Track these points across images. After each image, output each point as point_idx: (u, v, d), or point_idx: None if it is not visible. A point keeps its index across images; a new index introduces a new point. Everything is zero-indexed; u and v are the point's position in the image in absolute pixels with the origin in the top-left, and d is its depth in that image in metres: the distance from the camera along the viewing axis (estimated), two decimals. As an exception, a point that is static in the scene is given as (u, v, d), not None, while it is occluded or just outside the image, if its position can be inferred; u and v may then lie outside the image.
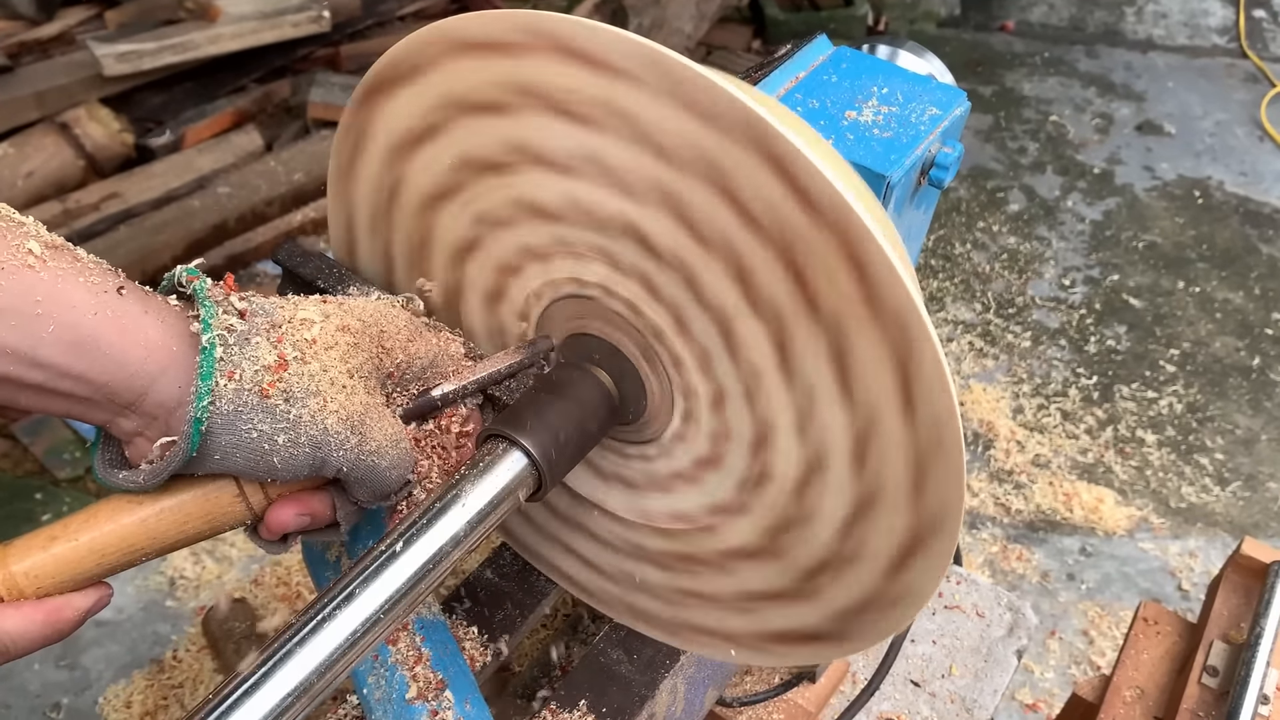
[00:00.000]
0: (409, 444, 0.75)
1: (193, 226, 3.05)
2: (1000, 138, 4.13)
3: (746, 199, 0.65)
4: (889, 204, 0.90)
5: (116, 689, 2.01)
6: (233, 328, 0.65)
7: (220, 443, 0.64)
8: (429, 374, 0.78)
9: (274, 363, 0.66)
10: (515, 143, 0.73)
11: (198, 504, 0.68)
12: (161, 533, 0.67)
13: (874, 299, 0.63)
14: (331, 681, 0.60)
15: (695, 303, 0.72)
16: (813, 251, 0.64)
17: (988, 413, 2.92)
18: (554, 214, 0.75)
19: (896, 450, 0.67)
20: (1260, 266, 3.56)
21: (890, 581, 0.74)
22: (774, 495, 0.76)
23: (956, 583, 1.50)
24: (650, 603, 0.92)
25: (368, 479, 0.71)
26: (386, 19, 3.93)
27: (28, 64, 3.28)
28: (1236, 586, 1.39)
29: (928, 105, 0.95)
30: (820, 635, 0.81)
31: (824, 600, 0.79)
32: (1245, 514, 2.70)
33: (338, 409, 0.68)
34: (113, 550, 0.65)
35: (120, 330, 0.62)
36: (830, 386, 0.68)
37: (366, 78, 0.79)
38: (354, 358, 0.71)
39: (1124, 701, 1.32)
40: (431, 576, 0.66)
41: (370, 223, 0.88)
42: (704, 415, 0.78)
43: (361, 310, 0.74)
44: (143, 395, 0.63)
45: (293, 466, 0.67)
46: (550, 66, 0.68)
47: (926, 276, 3.42)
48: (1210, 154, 4.10)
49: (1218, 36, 4.86)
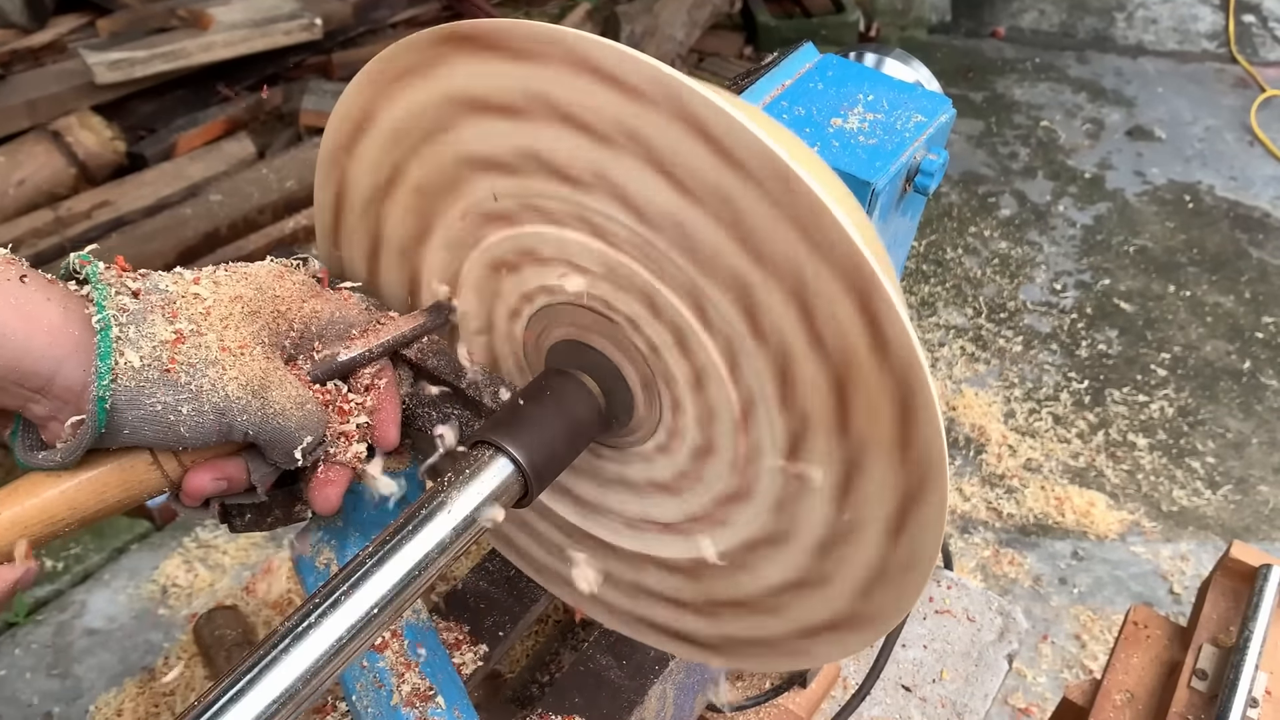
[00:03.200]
0: (317, 404, 0.77)
1: (184, 234, 3.04)
2: (991, 143, 4.15)
3: (748, 229, 0.66)
4: (874, 211, 0.91)
5: (107, 697, 2.00)
6: (126, 307, 0.68)
7: (127, 418, 0.67)
8: (329, 332, 0.80)
9: (170, 337, 0.68)
10: (526, 150, 0.73)
11: (114, 474, 0.70)
12: (81, 503, 0.69)
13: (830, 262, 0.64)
14: (319, 687, 0.60)
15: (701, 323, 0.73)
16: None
17: (979, 417, 2.92)
18: (559, 220, 0.76)
19: (880, 394, 0.67)
20: (1250, 270, 3.57)
21: (894, 547, 0.73)
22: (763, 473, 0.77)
23: (947, 587, 1.50)
24: (694, 623, 0.90)
25: (277, 440, 0.74)
26: (378, 27, 3.93)
27: (19, 72, 3.28)
28: (1225, 590, 1.40)
29: (913, 112, 0.95)
30: (847, 619, 0.80)
31: (841, 579, 0.77)
32: (1236, 517, 2.71)
33: (237, 375, 0.70)
34: (35, 522, 0.68)
35: (24, 318, 0.64)
36: (801, 339, 0.69)
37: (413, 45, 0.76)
38: (250, 325, 0.73)
39: (1114, 705, 1.33)
40: (418, 582, 0.66)
41: (363, 206, 0.87)
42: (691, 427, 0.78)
43: (254, 276, 0.76)
44: (50, 380, 0.65)
45: (200, 434, 0.70)
46: (567, 80, 0.68)
47: (918, 281, 3.43)
48: (1200, 159, 4.12)
49: (1207, 42, 4.88)
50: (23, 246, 2.92)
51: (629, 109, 0.66)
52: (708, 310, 0.72)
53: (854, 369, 0.67)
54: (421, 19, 4.02)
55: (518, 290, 0.82)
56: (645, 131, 0.66)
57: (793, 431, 0.72)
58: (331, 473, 0.79)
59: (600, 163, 0.70)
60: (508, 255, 0.81)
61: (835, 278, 0.64)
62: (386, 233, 0.86)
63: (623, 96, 0.66)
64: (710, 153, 0.64)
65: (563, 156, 0.71)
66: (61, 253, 2.94)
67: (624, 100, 0.66)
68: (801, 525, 0.76)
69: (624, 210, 0.71)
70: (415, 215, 0.83)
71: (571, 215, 0.74)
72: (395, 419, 0.82)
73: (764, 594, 0.82)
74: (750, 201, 0.65)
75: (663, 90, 0.64)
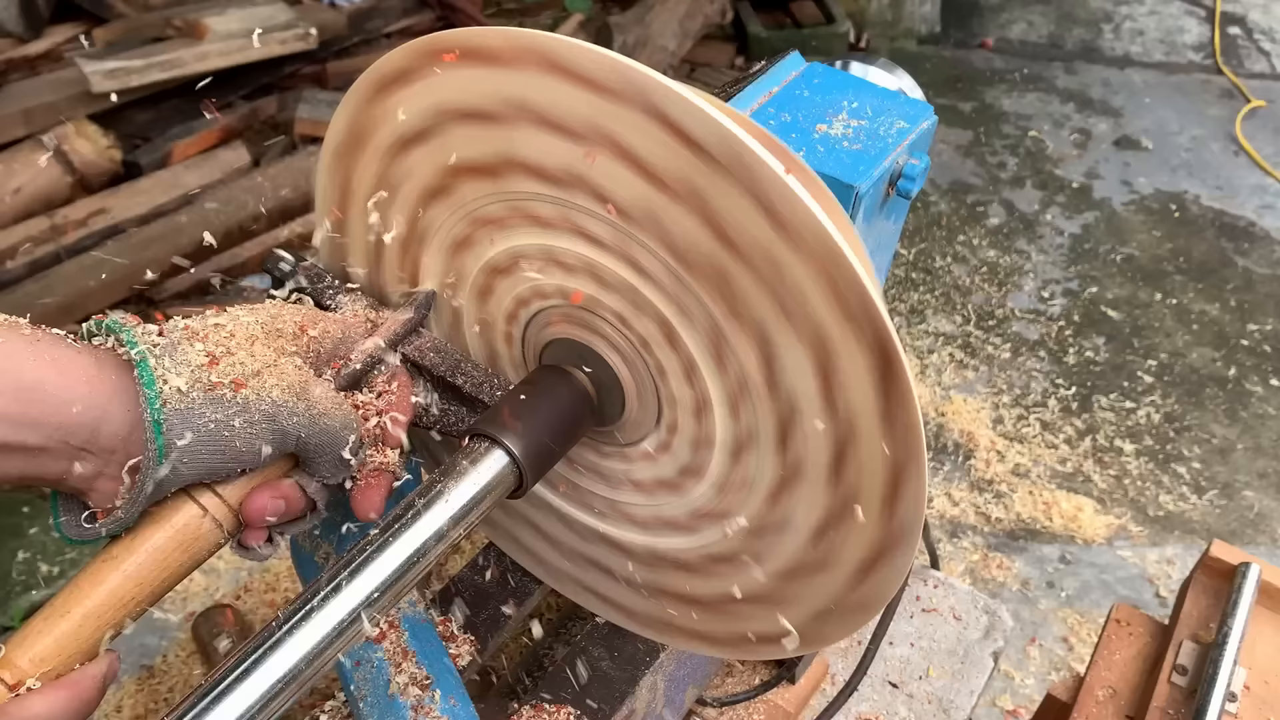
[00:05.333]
0: (350, 405, 0.79)
1: (180, 242, 3.06)
2: (980, 153, 4.19)
3: (724, 221, 0.68)
4: (858, 214, 0.94)
5: (106, 694, 2.01)
6: (156, 342, 0.68)
7: (183, 443, 0.66)
8: (341, 350, 0.82)
9: (205, 361, 0.69)
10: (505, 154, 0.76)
11: (170, 539, 0.70)
12: (147, 577, 0.69)
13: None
14: (320, 669, 0.62)
15: (684, 317, 0.75)
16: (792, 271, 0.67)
17: (968, 423, 2.95)
18: (547, 222, 0.78)
19: (859, 377, 0.69)
20: (1236, 279, 3.61)
21: (887, 522, 0.75)
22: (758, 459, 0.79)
23: (934, 586, 1.53)
24: (708, 623, 0.92)
25: (325, 444, 0.74)
26: (372, 36, 3.96)
27: (15, 81, 3.30)
28: (1206, 588, 1.42)
29: (896, 119, 0.98)
30: (851, 604, 0.82)
31: (840, 561, 0.79)
32: (1221, 522, 2.74)
33: (278, 381, 0.71)
34: (107, 610, 0.67)
35: (59, 370, 0.63)
36: (779, 321, 0.71)
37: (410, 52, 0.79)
38: (273, 343, 0.75)
39: (1097, 701, 1.35)
40: (416, 569, 0.69)
41: (361, 207, 0.89)
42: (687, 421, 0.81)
43: (263, 309, 0.78)
44: (96, 430, 0.65)
45: (255, 446, 0.70)
46: (540, 82, 0.70)
47: (907, 289, 3.46)
48: (1186, 168, 4.17)
49: (1193, 53, 4.94)
50: (19, 254, 2.94)
51: (600, 106, 0.68)
52: (687, 301, 0.74)
53: (830, 343, 0.69)
54: (415, 29, 4.05)
55: (511, 292, 0.85)
56: (615, 127, 0.69)
57: (781, 416, 0.75)
58: (374, 478, 0.80)
59: (576, 162, 0.72)
60: (500, 259, 0.83)
61: (805, 257, 0.66)
62: (386, 235, 0.89)
63: (593, 94, 0.68)
64: (677, 142, 0.67)
65: (542, 157, 0.74)
66: (58, 260, 2.96)
67: (594, 97, 0.68)
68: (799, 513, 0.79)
69: (603, 206, 0.74)
70: (410, 219, 0.86)
71: (558, 217, 0.77)
72: (404, 421, 0.83)
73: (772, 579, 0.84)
74: (717, 189, 0.67)
75: (629, 85, 0.66)
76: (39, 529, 2.46)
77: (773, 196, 0.65)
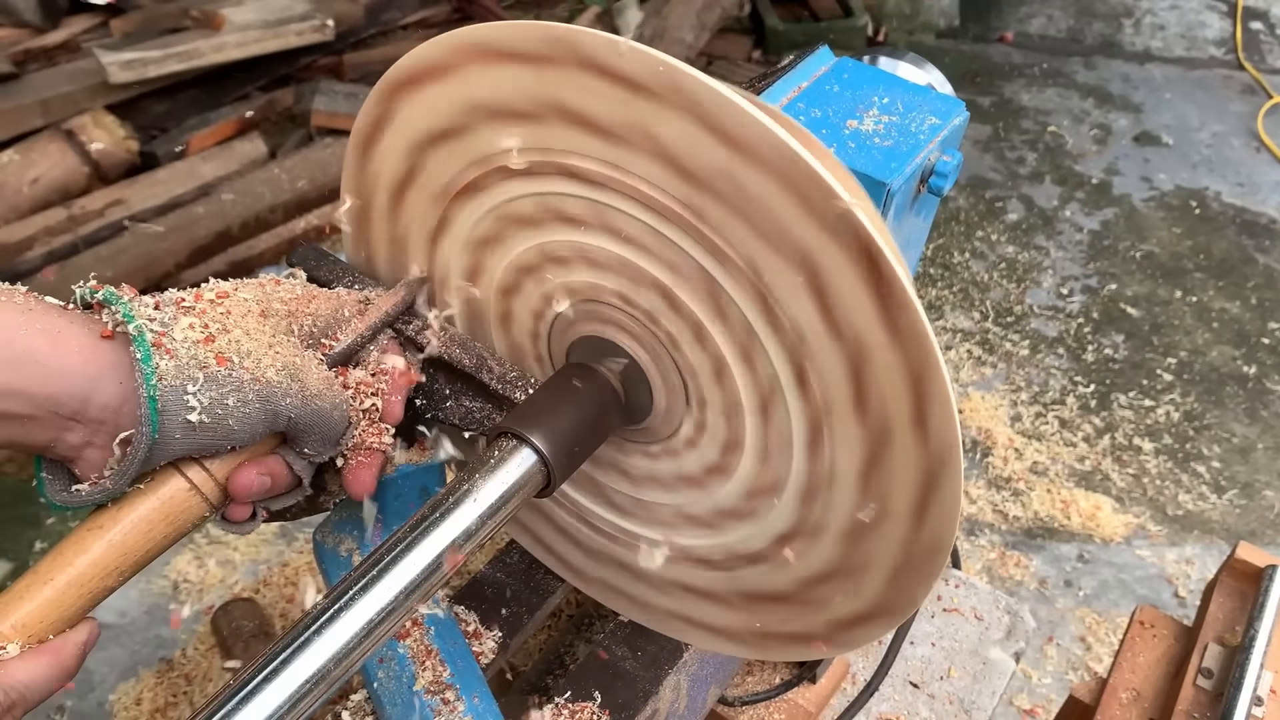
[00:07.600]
0: (341, 386, 0.79)
1: (196, 233, 3.07)
2: (999, 148, 4.16)
3: (757, 212, 0.67)
4: (889, 211, 0.93)
5: (126, 686, 2.02)
6: (153, 316, 0.68)
7: (178, 421, 0.67)
8: (333, 328, 0.82)
9: (201, 337, 0.69)
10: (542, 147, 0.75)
11: (156, 510, 0.70)
12: (132, 546, 0.69)
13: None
14: (350, 668, 0.62)
15: (718, 319, 0.74)
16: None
17: (986, 420, 2.93)
18: (579, 221, 0.77)
19: (852, 289, 0.68)
20: (1257, 276, 3.58)
21: (918, 529, 0.74)
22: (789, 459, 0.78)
23: (955, 586, 1.52)
24: (724, 617, 0.91)
25: (316, 423, 0.75)
26: (389, 28, 3.96)
27: (33, 71, 3.30)
28: (1231, 590, 1.41)
29: (927, 115, 0.97)
30: (879, 609, 0.81)
31: (876, 567, 0.78)
32: (1241, 522, 2.72)
33: (273, 361, 0.72)
34: (91, 578, 0.67)
35: (51, 341, 0.64)
36: (817, 324, 0.70)
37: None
38: (268, 321, 0.75)
39: (1120, 703, 1.34)
40: (445, 567, 0.68)
41: (390, 201, 0.89)
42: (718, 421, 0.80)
43: (256, 285, 0.78)
44: (86, 401, 0.65)
45: (249, 425, 0.70)
46: (576, 80, 0.69)
47: (926, 285, 3.44)
48: (1207, 165, 4.13)
49: (1215, 48, 4.89)
50: (36, 244, 2.94)
51: (637, 104, 0.68)
52: (722, 300, 0.73)
53: (867, 350, 0.68)
54: (432, 20, 4.04)
55: (539, 290, 0.84)
56: (653, 125, 0.68)
57: (793, 351, 0.73)
58: (364, 456, 0.80)
59: (612, 158, 0.72)
60: (530, 257, 0.83)
61: (845, 257, 0.65)
62: (411, 228, 0.88)
63: (628, 92, 0.68)
64: (715, 140, 0.66)
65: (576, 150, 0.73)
66: (75, 251, 2.96)
67: (630, 96, 0.68)
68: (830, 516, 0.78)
69: (637, 206, 0.73)
70: (437, 213, 0.85)
71: (589, 214, 0.76)
72: (401, 396, 0.84)
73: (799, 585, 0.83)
74: (757, 184, 0.66)
75: (667, 83, 0.66)
76: (55, 519, 2.46)
77: (725, 121, 0.65)
